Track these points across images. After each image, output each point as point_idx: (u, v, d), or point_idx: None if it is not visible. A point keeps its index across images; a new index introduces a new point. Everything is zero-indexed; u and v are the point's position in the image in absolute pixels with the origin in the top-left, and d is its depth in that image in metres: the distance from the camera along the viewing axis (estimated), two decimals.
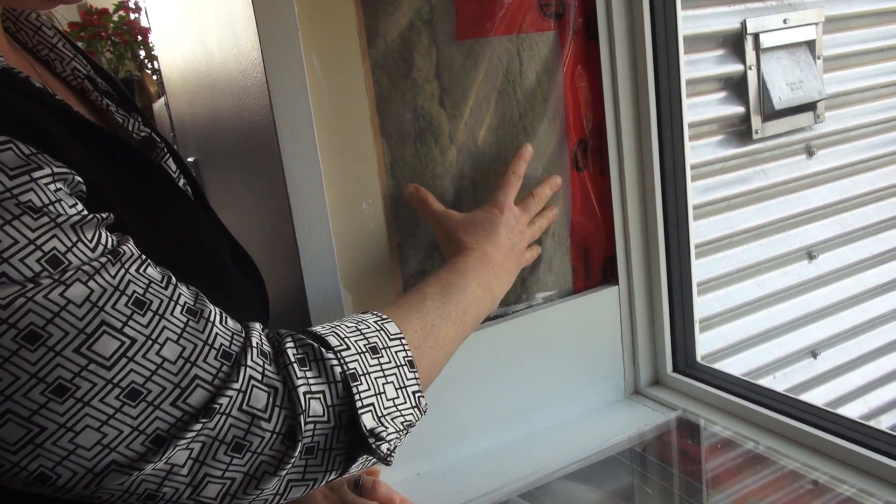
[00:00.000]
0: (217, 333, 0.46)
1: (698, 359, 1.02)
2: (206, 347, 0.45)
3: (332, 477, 0.51)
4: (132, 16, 2.78)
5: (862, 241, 1.92)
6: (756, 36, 1.62)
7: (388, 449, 0.52)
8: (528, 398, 0.94)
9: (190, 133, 1.36)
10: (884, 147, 1.93)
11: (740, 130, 1.68)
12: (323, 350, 0.51)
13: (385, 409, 0.52)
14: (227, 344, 0.46)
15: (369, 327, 0.56)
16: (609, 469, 0.84)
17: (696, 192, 1.63)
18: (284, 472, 0.47)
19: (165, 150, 0.65)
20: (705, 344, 1.69)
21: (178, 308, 0.45)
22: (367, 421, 0.51)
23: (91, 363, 0.41)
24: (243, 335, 0.48)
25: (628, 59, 0.92)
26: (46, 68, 0.60)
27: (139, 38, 2.75)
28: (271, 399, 0.47)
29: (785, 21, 1.65)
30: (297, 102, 0.73)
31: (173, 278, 0.46)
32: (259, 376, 0.47)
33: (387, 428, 0.52)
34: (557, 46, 0.89)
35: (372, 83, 0.79)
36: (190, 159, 1.34)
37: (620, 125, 0.93)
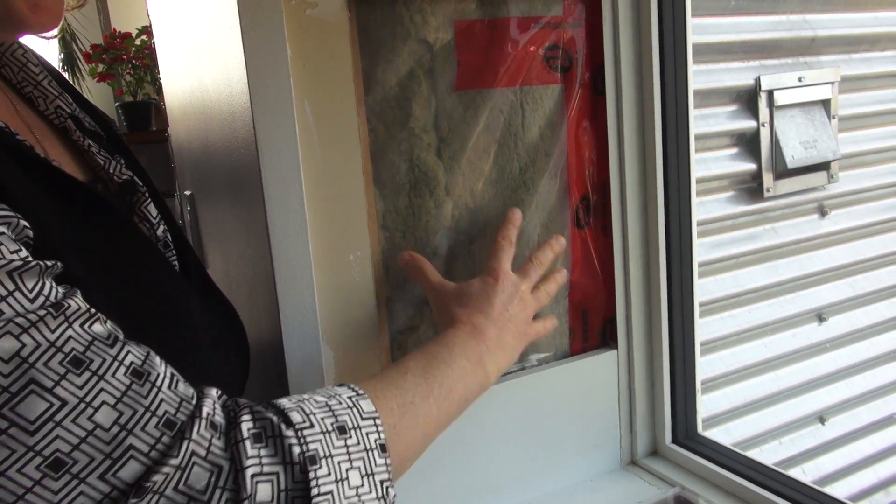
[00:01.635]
0: (162, 399, 0.42)
1: (699, 429, 0.96)
2: (147, 414, 0.41)
3: None
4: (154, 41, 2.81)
5: (874, 305, 1.87)
6: (770, 93, 1.59)
7: None
8: (519, 467, 0.88)
9: (188, 166, 1.34)
10: None
11: (751, 188, 1.64)
12: (283, 426, 0.46)
13: (346, 498, 0.47)
14: (173, 412, 0.42)
15: (341, 403, 0.51)
16: None
17: (704, 249, 1.59)
18: None
19: (147, 194, 0.62)
20: (708, 405, 1.63)
21: (122, 369, 0.41)
22: None
23: (12, 426, 0.37)
24: (193, 402, 0.44)
25: (636, 114, 0.89)
26: (29, 106, 0.59)
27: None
28: (213, 479, 0.42)
29: (800, 79, 1.63)
30: (284, 148, 0.70)
31: (121, 336, 0.43)
32: (203, 452, 0.42)
33: None
34: (562, 100, 0.86)
35: (367, 131, 0.76)
36: (186, 192, 1.32)
37: (625, 182, 0.90)
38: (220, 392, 0.47)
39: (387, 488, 0.50)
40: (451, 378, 0.61)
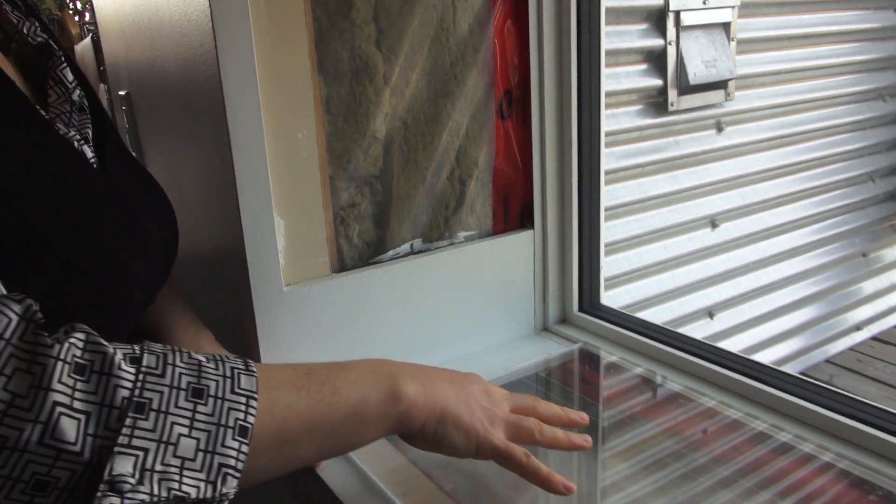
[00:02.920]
0: None
1: (602, 300, 1.12)
2: None
3: None
4: None
5: (760, 214, 2.09)
6: (678, 13, 1.73)
7: (127, 500, 0.38)
8: (445, 329, 1.01)
9: (123, 67, 1.35)
10: (785, 128, 2.09)
11: (658, 102, 1.79)
12: (120, 363, 0.40)
13: (162, 464, 0.40)
14: None
15: (218, 369, 0.45)
16: (516, 388, 0.92)
17: (614, 158, 1.73)
18: None
19: (63, 59, 0.60)
20: (613, 300, 1.81)
21: None
22: (120, 464, 0.38)
23: None
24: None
25: (554, 19, 0.99)
26: None
27: None
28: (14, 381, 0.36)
29: (704, 1, 1.76)
30: (239, 33, 0.76)
31: None
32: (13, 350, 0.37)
33: (140, 486, 0.39)
34: (490, 1, 0.94)
35: (312, 20, 0.83)
36: (122, 92, 1.34)
37: (544, 80, 1.01)
38: (34, 305, 0.41)
39: (225, 475, 0.42)
40: (342, 381, 0.53)
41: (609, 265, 1.74)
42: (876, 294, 2.58)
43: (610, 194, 1.72)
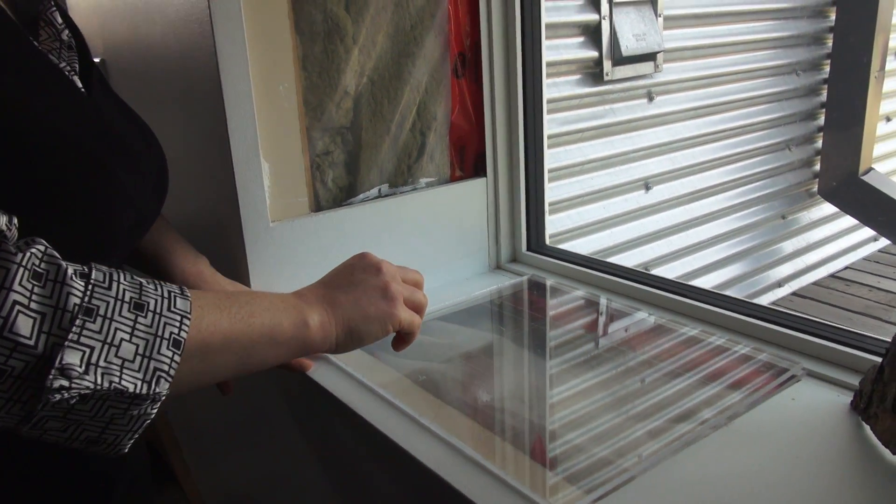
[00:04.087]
0: None
1: (547, 242, 1.26)
2: None
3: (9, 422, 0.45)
4: None
5: (689, 178, 2.28)
6: None
7: (62, 388, 0.43)
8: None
9: (97, 35, 1.42)
10: (710, 99, 2.29)
11: (594, 73, 1.95)
12: (72, 275, 0.46)
13: (105, 361, 0.46)
14: None
15: (157, 290, 0.51)
16: (473, 314, 1.06)
17: (556, 124, 1.89)
18: None
19: (53, 4, 0.65)
20: None
21: None
22: (69, 356, 0.44)
23: None
24: None
25: None
26: None
27: None
28: None
29: None
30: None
31: None
32: None
33: (85, 375, 0.45)
34: None
35: None
36: (96, 59, 1.41)
37: (492, 43, 1.14)
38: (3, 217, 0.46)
39: (159, 377, 0.48)
40: (257, 306, 0.60)
41: (553, 223, 1.89)
42: (795, 254, 2.83)
43: (553, 157, 1.87)
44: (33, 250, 0.45)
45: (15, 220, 0.47)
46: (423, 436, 0.72)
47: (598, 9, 1.90)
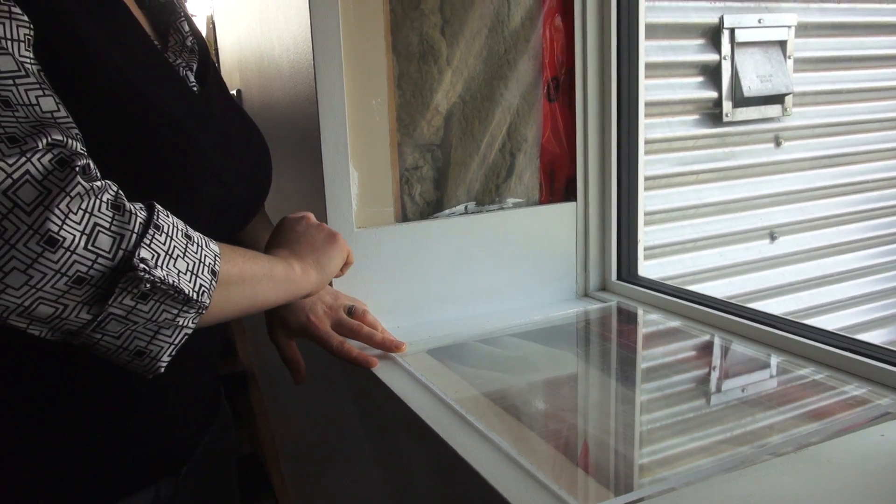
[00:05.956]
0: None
1: (639, 271, 1.22)
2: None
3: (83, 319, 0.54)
4: None
5: (822, 230, 2.12)
6: (732, 30, 1.83)
7: (148, 279, 0.54)
8: (491, 283, 1.14)
9: (236, 68, 1.59)
10: (849, 146, 2.13)
11: (713, 113, 1.89)
12: (141, 206, 0.57)
13: (166, 266, 0.56)
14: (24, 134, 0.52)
15: (201, 238, 0.62)
16: (552, 333, 1.05)
17: (670, 164, 1.84)
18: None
19: (182, 16, 0.78)
20: None
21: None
22: (144, 252, 0.54)
23: None
24: (70, 152, 0.54)
25: (597, 14, 1.14)
26: None
27: None
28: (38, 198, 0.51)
29: (759, 21, 1.87)
30: (329, 15, 0.95)
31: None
32: (38, 168, 0.52)
33: (155, 269, 0.55)
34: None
35: (388, 9, 1.01)
36: (233, 92, 1.57)
37: (587, 70, 1.15)
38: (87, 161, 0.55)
39: (203, 291, 0.60)
40: (258, 258, 0.73)
41: (663, 266, 1.82)
42: None
43: (665, 198, 1.81)
44: (113, 188, 0.56)
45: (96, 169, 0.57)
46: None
47: (718, 49, 1.85)
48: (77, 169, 0.53)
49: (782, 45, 1.93)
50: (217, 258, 0.63)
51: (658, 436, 0.76)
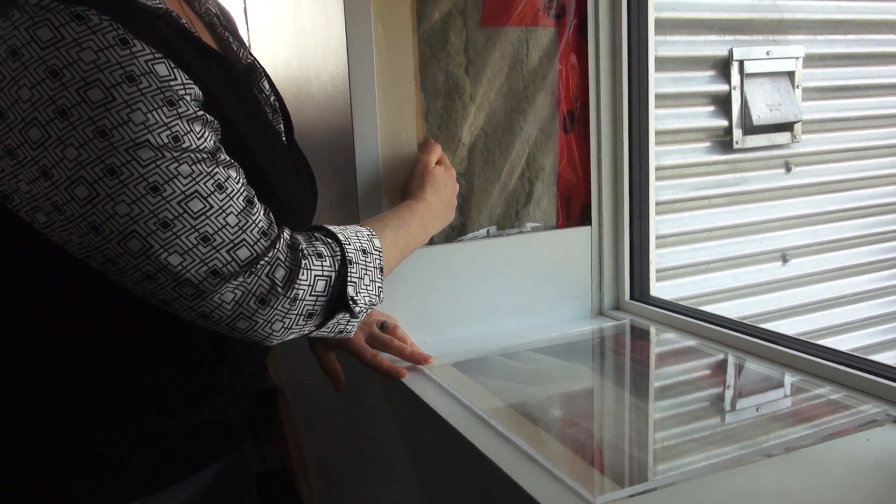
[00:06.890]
0: (261, 219, 0.69)
1: (651, 291, 1.30)
2: (253, 225, 0.68)
3: (310, 330, 0.76)
4: None
5: (834, 253, 2.17)
6: (741, 62, 1.92)
7: (358, 311, 0.78)
8: (512, 301, 1.22)
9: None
10: (859, 171, 2.20)
11: (724, 141, 1.96)
12: (334, 244, 0.76)
13: (359, 289, 0.78)
14: (266, 227, 0.70)
15: (361, 236, 0.81)
16: (569, 349, 1.12)
17: (682, 190, 1.91)
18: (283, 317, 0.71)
19: (263, 74, 0.88)
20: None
21: (242, 196, 0.68)
22: (350, 291, 0.76)
23: (185, 213, 0.63)
24: (276, 230, 0.71)
25: (609, 54, 1.23)
26: (188, 4, 0.83)
27: None
28: (287, 275, 0.70)
29: (768, 53, 1.95)
30: (364, 56, 1.05)
31: (243, 177, 0.69)
32: (283, 257, 0.71)
33: (361, 299, 0.78)
34: (556, 39, 1.20)
35: (417, 51, 1.11)
36: None
37: (600, 103, 1.24)
38: (290, 230, 0.74)
39: (380, 291, 0.82)
40: (410, 236, 0.93)
41: (677, 287, 1.89)
42: None
43: (678, 222, 1.88)
44: (308, 247, 0.74)
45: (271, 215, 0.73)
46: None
47: (728, 80, 1.93)
48: (293, 243, 0.73)
49: (790, 75, 2.01)
50: (380, 256, 0.82)
51: (670, 442, 0.83)
